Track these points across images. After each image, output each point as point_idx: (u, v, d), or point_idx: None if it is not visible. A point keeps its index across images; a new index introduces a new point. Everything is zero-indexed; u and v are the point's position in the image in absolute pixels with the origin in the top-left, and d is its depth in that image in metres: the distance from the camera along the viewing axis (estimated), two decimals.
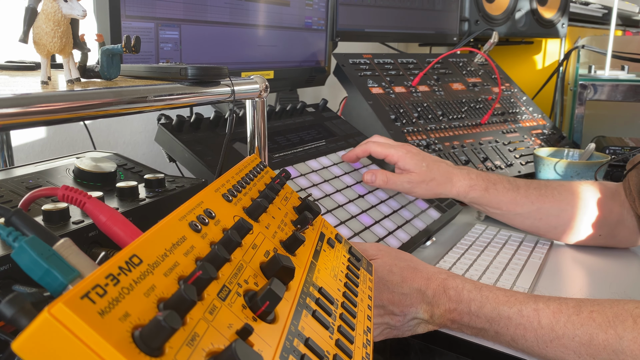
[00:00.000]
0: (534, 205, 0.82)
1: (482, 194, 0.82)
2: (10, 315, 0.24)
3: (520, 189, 0.83)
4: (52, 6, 0.44)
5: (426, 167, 0.81)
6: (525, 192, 0.83)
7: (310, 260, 0.45)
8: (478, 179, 0.82)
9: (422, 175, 0.81)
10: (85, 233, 0.47)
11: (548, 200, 0.83)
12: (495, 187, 0.82)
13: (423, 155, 0.84)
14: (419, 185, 0.81)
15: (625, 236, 0.84)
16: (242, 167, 0.49)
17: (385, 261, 0.60)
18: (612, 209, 0.82)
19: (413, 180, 0.81)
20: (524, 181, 0.85)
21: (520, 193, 0.83)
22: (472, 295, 0.56)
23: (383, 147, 0.84)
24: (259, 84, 0.61)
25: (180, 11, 0.86)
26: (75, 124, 0.97)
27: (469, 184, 0.82)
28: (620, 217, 0.83)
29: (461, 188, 0.82)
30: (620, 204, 0.82)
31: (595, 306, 0.52)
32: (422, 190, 0.82)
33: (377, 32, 1.36)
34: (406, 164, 0.82)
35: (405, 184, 0.82)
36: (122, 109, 0.46)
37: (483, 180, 0.82)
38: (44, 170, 0.62)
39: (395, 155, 0.83)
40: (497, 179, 0.83)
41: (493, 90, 1.42)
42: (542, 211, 0.83)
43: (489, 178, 0.83)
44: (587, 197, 0.83)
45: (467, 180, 0.82)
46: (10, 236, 0.29)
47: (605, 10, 2.07)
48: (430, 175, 0.81)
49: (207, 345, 0.26)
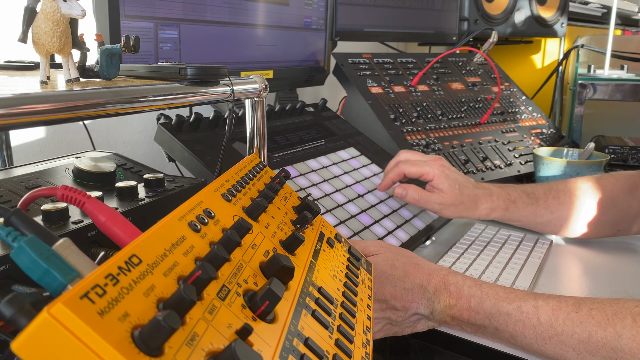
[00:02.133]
0: (553, 214, 0.84)
1: (502, 214, 0.84)
2: (10, 315, 0.23)
3: (540, 201, 0.84)
4: (51, 6, 0.44)
5: (458, 190, 0.81)
6: (545, 203, 0.84)
7: (309, 260, 0.45)
8: (499, 201, 0.83)
9: (453, 198, 0.81)
10: (84, 233, 0.47)
11: (567, 207, 0.84)
12: (516, 205, 0.84)
13: (455, 174, 0.83)
14: (448, 207, 0.82)
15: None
16: (242, 167, 0.49)
17: (387, 256, 0.60)
18: (630, 205, 0.83)
19: (444, 202, 0.81)
20: (542, 190, 0.85)
21: (539, 205, 0.84)
22: (472, 291, 0.57)
23: (417, 167, 0.83)
24: (258, 83, 0.61)
25: (179, 11, 0.86)
26: (74, 124, 0.97)
27: (491, 207, 0.83)
28: (638, 212, 0.84)
29: (483, 212, 0.83)
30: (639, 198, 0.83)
31: (595, 304, 0.52)
32: (449, 212, 0.82)
33: (377, 32, 1.36)
34: (441, 183, 0.81)
35: (436, 205, 0.82)
36: (121, 108, 0.46)
37: (504, 201, 0.83)
38: (43, 170, 0.62)
39: (431, 173, 0.82)
40: (517, 196, 0.84)
41: (492, 89, 1.42)
42: (561, 219, 0.84)
43: (509, 197, 0.84)
44: (606, 197, 0.83)
45: (489, 204, 0.83)
46: (9, 236, 0.29)
47: (604, 9, 2.07)
48: (460, 199, 0.82)
49: (207, 345, 0.26)
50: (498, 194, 0.84)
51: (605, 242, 0.92)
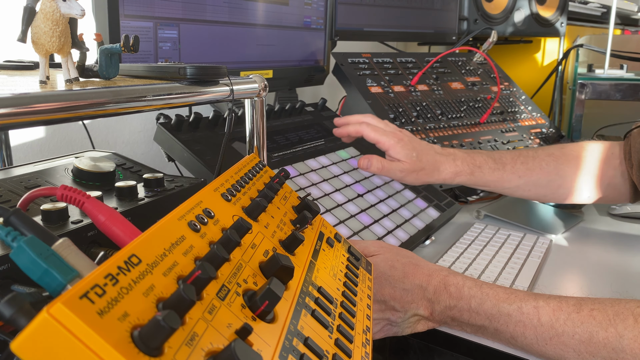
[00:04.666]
0: (521, 179, 0.84)
1: (468, 178, 0.84)
2: (9, 315, 0.23)
3: (507, 166, 0.84)
4: (50, 5, 0.44)
5: (416, 157, 0.82)
6: (512, 169, 0.84)
7: (309, 259, 0.45)
8: (463, 165, 0.84)
9: (412, 165, 0.82)
10: (84, 233, 0.47)
11: (536, 172, 0.84)
12: (481, 169, 0.84)
13: (413, 143, 0.84)
14: (409, 174, 0.82)
15: (614, 197, 0.86)
16: (241, 167, 0.49)
17: (387, 257, 0.60)
18: (605, 173, 0.83)
19: (404, 169, 0.82)
20: (510, 156, 0.85)
21: (506, 170, 0.84)
22: (473, 292, 0.56)
23: (376, 133, 0.84)
24: (257, 83, 0.61)
25: (179, 10, 0.85)
26: (74, 124, 0.97)
27: (454, 170, 0.84)
28: (611, 180, 0.84)
29: (447, 175, 0.84)
30: (614, 167, 0.83)
31: (596, 304, 0.52)
32: (411, 179, 0.83)
33: (376, 31, 1.36)
34: (397, 153, 0.82)
35: (397, 172, 0.82)
36: (120, 108, 0.46)
37: (468, 165, 0.84)
38: (42, 169, 0.62)
39: (386, 143, 0.83)
40: (483, 161, 0.85)
41: (492, 89, 1.42)
42: (530, 183, 0.85)
43: (474, 161, 0.84)
44: (580, 164, 0.83)
45: (452, 168, 0.84)
46: (9, 236, 0.29)
47: (604, 9, 2.07)
48: (420, 165, 0.82)
49: (207, 345, 0.26)
50: (463, 158, 0.84)
51: (605, 242, 0.92)
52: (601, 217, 1.03)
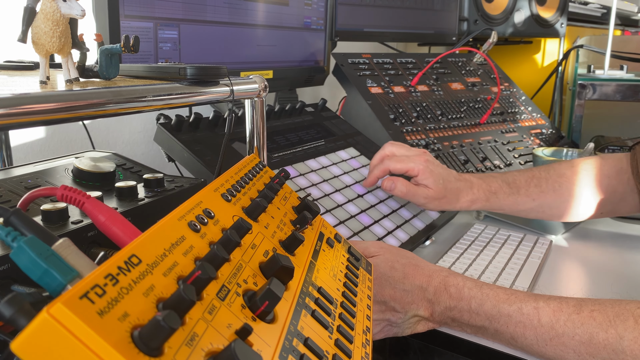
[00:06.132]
0: (535, 202, 0.85)
1: (483, 205, 0.86)
2: (9, 315, 0.23)
3: (521, 190, 0.85)
4: (50, 6, 0.44)
5: (442, 185, 0.83)
6: (526, 192, 0.85)
7: (309, 260, 0.45)
8: (479, 192, 0.85)
9: (437, 193, 0.82)
10: (84, 233, 0.47)
11: (549, 195, 0.85)
12: (496, 195, 0.85)
13: (439, 169, 0.84)
14: (432, 201, 0.83)
15: (626, 210, 0.87)
16: (241, 167, 0.49)
17: (387, 257, 0.60)
18: (616, 189, 0.84)
19: (430, 196, 0.82)
20: (524, 179, 0.86)
21: (521, 194, 0.85)
22: (473, 292, 0.56)
23: (402, 163, 0.84)
24: (258, 83, 0.61)
25: (179, 11, 0.86)
26: (74, 124, 0.97)
27: (471, 199, 0.85)
28: (623, 196, 0.84)
29: (465, 204, 0.85)
30: (625, 181, 0.84)
31: (596, 305, 0.52)
32: (433, 206, 0.84)
33: (376, 32, 1.36)
34: (426, 179, 0.82)
35: (422, 198, 0.83)
36: (120, 108, 0.46)
37: (484, 192, 0.85)
38: (42, 170, 0.62)
39: (415, 169, 0.83)
40: (498, 187, 0.85)
41: (492, 90, 1.42)
42: (544, 206, 0.85)
43: (489, 188, 0.85)
44: (590, 183, 0.84)
45: (470, 196, 0.84)
46: (9, 236, 0.29)
47: (604, 9, 2.07)
48: (444, 193, 0.83)
49: (207, 345, 0.26)
50: (479, 185, 0.85)
51: (606, 242, 0.92)
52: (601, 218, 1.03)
